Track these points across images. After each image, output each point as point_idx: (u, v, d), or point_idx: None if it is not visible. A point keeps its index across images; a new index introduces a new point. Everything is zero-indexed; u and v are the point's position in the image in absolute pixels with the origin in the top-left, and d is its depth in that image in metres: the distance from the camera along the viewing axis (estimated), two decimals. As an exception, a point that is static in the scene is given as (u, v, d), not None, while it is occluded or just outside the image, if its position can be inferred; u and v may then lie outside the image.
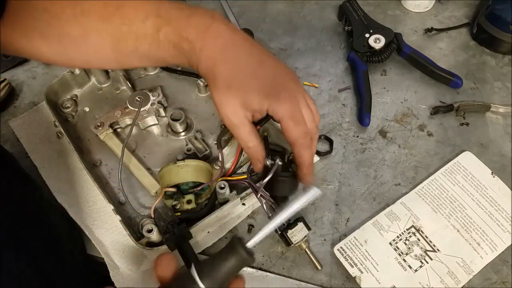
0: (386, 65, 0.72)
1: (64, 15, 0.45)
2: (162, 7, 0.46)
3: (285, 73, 0.48)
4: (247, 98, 0.45)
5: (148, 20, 0.45)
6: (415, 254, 0.53)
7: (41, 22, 0.46)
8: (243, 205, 0.57)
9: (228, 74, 0.45)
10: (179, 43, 0.45)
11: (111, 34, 0.46)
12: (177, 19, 0.45)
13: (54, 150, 0.62)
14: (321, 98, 0.69)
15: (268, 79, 0.46)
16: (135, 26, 0.45)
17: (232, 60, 0.45)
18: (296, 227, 0.51)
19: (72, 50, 0.48)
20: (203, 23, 0.45)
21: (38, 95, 0.69)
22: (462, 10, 0.79)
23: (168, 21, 0.45)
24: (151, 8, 0.46)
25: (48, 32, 0.47)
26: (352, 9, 0.73)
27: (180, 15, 0.45)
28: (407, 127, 0.65)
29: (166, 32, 0.45)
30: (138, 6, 0.46)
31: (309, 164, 0.48)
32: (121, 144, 0.61)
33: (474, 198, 0.57)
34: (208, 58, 0.45)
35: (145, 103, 0.63)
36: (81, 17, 0.45)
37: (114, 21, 0.45)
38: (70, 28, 0.46)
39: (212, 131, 0.64)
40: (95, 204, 0.57)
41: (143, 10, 0.45)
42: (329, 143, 0.64)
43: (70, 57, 0.49)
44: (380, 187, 0.60)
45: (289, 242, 0.51)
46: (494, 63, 0.72)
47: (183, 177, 0.54)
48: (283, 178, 0.50)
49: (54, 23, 0.46)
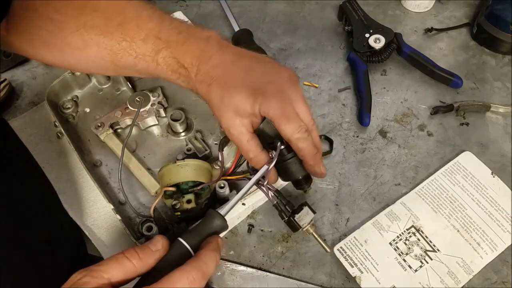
0: (386, 65, 0.72)
1: (67, 26, 0.47)
2: (163, 28, 0.47)
3: (276, 73, 0.48)
4: (238, 105, 0.46)
5: (148, 40, 0.47)
6: (415, 254, 0.53)
7: (45, 32, 0.48)
8: (243, 205, 0.57)
9: (219, 90, 0.46)
10: (177, 69, 0.47)
11: (110, 48, 0.47)
12: (176, 43, 0.47)
13: (54, 150, 0.63)
14: (321, 98, 0.69)
15: (256, 82, 0.46)
16: (135, 44, 0.47)
17: (221, 76, 0.46)
18: (302, 211, 0.50)
19: (73, 59, 0.50)
20: (197, 47, 0.47)
21: (38, 95, 0.70)
22: (462, 10, 0.79)
23: (167, 44, 0.47)
24: (152, 27, 0.47)
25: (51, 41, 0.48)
26: (352, 9, 0.73)
27: (178, 39, 0.47)
28: (407, 127, 0.65)
29: (165, 56, 0.47)
30: (140, 25, 0.47)
31: (312, 155, 0.48)
32: (121, 145, 0.61)
33: (474, 198, 0.57)
34: (202, 83, 0.47)
35: (145, 103, 0.64)
36: (83, 29, 0.47)
37: (115, 37, 0.47)
38: (72, 39, 0.47)
39: (212, 131, 0.64)
40: (95, 204, 0.58)
41: (144, 30, 0.47)
42: (329, 143, 0.64)
43: (70, 63, 0.51)
44: (380, 187, 0.60)
45: (298, 227, 0.50)
46: (494, 63, 0.72)
47: (183, 177, 0.54)
48: (289, 160, 0.49)
49: (57, 33, 0.47)
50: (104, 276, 0.36)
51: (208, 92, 0.47)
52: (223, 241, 0.44)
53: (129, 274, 0.38)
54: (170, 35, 0.47)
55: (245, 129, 0.47)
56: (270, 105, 0.45)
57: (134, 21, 0.47)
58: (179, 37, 0.47)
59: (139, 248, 0.39)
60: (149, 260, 0.39)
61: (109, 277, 0.36)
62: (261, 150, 0.49)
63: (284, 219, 0.51)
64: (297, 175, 0.50)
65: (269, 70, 0.48)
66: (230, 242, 0.56)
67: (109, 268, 0.37)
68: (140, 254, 0.38)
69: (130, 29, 0.47)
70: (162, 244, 0.40)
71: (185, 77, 0.48)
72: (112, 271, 0.37)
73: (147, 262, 0.39)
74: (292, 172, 0.50)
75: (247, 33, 0.73)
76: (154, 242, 0.40)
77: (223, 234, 0.56)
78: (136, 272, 0.38)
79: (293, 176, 0.51)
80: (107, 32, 0.47)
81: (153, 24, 0.47)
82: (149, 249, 0.39)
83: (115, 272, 0.37)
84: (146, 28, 0.47)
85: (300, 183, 0.51)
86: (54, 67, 0.72)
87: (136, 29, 0.47)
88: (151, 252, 0.39)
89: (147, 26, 0.47)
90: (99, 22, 0.46)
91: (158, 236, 0.40)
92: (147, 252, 0.39)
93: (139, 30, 0.47)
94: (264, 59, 0.50)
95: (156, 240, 0.40)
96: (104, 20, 0.47)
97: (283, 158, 0.49)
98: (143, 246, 0.39)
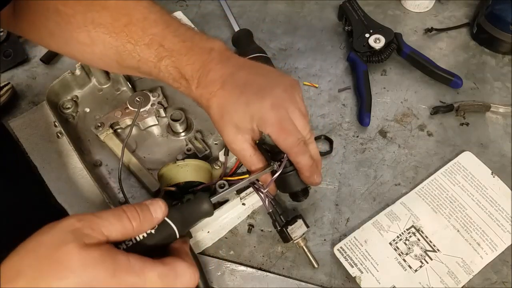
0: (386, 65, 0.72)
1: (74, 21, 0.46)
2: (168, 35, 0.47)
3: (274, 85, 0.47)
4: (237, 122, 0.46)
5: (152, 46, 0.46)
6: (415, 254, 0.53)
7: (52, 23, 0.47)
8: (243, 205, 0.57)
9: (218, 107, 0.46)
10: (178, 79, 0.47)
11: (116, 49, 0.47)
12: (178, 53, 0.47)
13: (54, 150, 0.63)
14: (321, 98, 0.69)
15: (252, 98, 0.46)
16: (139, 48, 0.47)
17: (220, 92, 0.46)
18: (295, 223, 0.51)
19: (78, 53, 0.50)
20: (199, 59, 0.46)
21: (38, 95, 0.70)
22: (462, 10, 0.79)
23: (170, 53, 0.46)
24: (156, 33, 0.47)
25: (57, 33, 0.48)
26: (352, 9, 0.73)
27: (181, 48, 0.47)
28: (407, 127, 0.65)
29: (167, 64, 0.47)
30: (145, 28, 0.47)
31: (308, 167, 0.48)
32: (121, 145, 0.61)
33: (474, 198, 0.57)
34: (202, 97, 0.47)
35: (145, 103, 0.64)
36: (91, 26, 0.46)
37: (121, 38, 0.47)
38: (78, 35, 0.47)
39: (212, 131, 0.64)
40: (95, 204, 0.58)
41: (149, 35, 0.46)
42: (329, 143, 0.64)
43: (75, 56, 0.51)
44: (380, 187, 0.60)
45: (289, 238, 0.50)
46: (494, 63, 0.72)
47: (183, 177, 0.54)
48: (289, 173, 0.49)
49: (64, 26, 0.47)
50: (104, 233, 0.32)
51: (208, 107, 0.47)
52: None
53: (126, 237, 0.34)
54: (174, 43, 0.46)
55: (247, 145, 0.47)
56: (267, 122, 0.45)
57: (140, 24, 0.46)
58: (183, 46, 0.47)
59: (140, 208, 0.35)
60: (146, 226, 0.35)
61: (108, 235, 0.32)
62: (264, 165, 0.49)
63: (276, 229, 0.51)
64: (295, 188, 0.51)
65: (266, 83, 0.47)
66: (230, 242, 0.56)
67: (110, 225, 0.33)
68: (141, 217, 0.35)
69: (135, 32, 0.46)
70: (163, 212, 0.37)
71: (186, 88, 0.48)
72: (111, 228, 0.33)
73: (144, 227, 0.35)
74: (291, 185, 0.51)
75: (247, 33, 0.73)
76: (155, 206, 0.36)
77: (223, 234, 0.56)
78: (131, 236, 0.34)
79: (292, 188, 0.51)
80: (113, 32, 0.46)
81: (158, 30, 0.46)
82: (150, 214, 0.36)
83: (114, 230, 0.33)
84: (150, 33, 0.46)
85: (297, 196, 0.52)
86: (51, 65, 0.73)
87: (140, 33, 0.46)
88: (151, 218, 0.36)
89: (152, 31, 0.46)
90: (106, 20, 0.46)
91: (159, 201, 0.37)
92: (148, 217, 0.35)
93: (143, 35, 0.46)
94: (263, 70, 0.49)
95: (158, 205, 0.36)
96: (111, 19, 0.46)
97: (284, 170, 0.49)
98: (143, 207, 0.35)
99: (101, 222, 0.32)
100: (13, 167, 0.50)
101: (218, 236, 0.56)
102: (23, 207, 0.47)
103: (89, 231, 0.31)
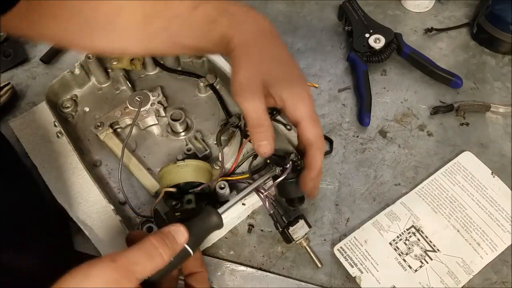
0: (386, 65, 0.72)
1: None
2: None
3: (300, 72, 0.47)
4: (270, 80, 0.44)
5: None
6: (415, 254, 0.53)
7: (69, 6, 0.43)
8: (243, 205, 0.57)
9: (259, 54, 0.44)
10: (217, 17, 0.44)
11: (142, 11, 0.44)
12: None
13: (54, 150, 0.62)
14: (321, 98, 0.69)
15: (291, 73, 0.45)
16: (171, 2, 0.44)
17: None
18: (297, 224, 0.50)
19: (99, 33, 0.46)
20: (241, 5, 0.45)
21: (38, 95, 0.69)
22: (462, 10, 0.79)
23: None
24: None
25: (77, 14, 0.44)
26: (352, 9, 0.73)
27: None
28: (407, 127, 0.65)
29: (205, 8, 0.44)
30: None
31: (320, 168, 0.47)
32: (121, 144, 0.61)
33: (474, 198, 0.57)
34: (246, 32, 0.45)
35: (145, 103, 0.63)
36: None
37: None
38: (102, 6, 0.44)
39: (212, 131, 0.64)
40: (95, 204, 0.57)
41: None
42: (329, 143, 0.64)
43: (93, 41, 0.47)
44: (380, 187, 0.60)
45: (291, 239, 0.50)
46: (494, 63, 0.72)
47: (183, 177, 0.54)
48: (290, 180, 0.50)
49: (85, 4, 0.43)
50: (138, 279, 0.33)
51: (246, 46, 0.45)
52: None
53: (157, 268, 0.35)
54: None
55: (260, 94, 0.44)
56: (302, 103, 0.44)
57: None
58: None
59: (168, 240, 0.36)
60: (171, 256, 0.36)
61: (140, 279, 0.34)
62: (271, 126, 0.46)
63: (278, 230, 0.51)
64: (294, 194, 0.51)
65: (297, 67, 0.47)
66: (230, 242, 0.56)
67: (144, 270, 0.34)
68: (171, 250, 0.35)
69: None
70: (185, 238, 0.37)
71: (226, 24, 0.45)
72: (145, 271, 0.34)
73: (170, 257, 0.36)
74: (290, 191, 0.51)
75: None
76: (178, 234, 0.37)
77: (223, 234, 0.56)
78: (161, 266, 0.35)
79: (290, 195, 0.51)
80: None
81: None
82: (176, 243, 0.36)
83: (146, 272, 0.34)
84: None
85: (294, 202, 0.52)
86: (51, 65, 0.72)
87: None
88: (177, 247, 0.36)
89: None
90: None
91: (181, 227, 0.37)
92: (174, 247, 0.36)
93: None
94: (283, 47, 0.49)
95: (181, 232, 0.37)
96: None
97: (286, 176, 0.49)
98: (170, 237, 0.36)
99: (135, 268, 0.34)
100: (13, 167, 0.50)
101: (218, 236, 0.56)
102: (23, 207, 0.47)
103: (126, 283, 0.33)
